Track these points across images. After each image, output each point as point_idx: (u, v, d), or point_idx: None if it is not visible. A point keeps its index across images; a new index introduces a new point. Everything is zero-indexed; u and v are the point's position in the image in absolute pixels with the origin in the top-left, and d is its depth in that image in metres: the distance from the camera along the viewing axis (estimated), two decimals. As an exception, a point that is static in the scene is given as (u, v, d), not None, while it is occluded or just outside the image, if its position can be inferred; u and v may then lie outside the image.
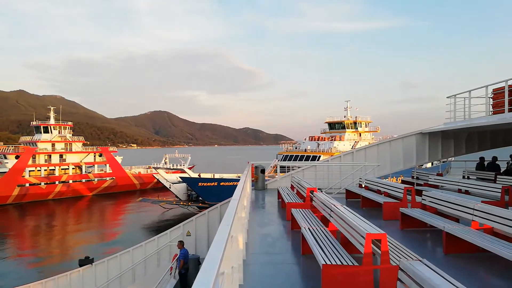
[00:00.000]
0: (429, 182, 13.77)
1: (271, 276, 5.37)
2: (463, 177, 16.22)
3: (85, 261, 16.87)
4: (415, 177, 16.10)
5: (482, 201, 8.09)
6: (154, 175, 53.04)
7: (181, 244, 11.96)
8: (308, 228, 6.36)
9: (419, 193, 10.09)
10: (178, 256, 11.83)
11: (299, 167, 16.71)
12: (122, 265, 16.39)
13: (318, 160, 47.72)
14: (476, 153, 17.59)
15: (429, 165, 45.65)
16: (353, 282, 4.38)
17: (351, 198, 12.78)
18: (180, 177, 47.99)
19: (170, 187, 48.53)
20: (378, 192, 11.27)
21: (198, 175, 49.72)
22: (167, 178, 49.22)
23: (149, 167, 72.19)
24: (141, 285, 15.15)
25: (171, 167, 60.41)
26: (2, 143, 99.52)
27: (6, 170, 56.66)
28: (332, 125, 63.29)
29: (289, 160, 51.35)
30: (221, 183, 45.76)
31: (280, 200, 12.00)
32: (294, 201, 9.64)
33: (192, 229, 16.01)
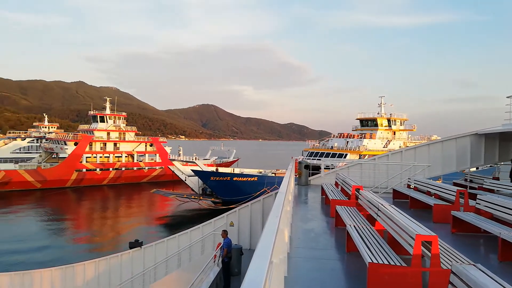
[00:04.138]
0: (484, 186, 13.00)
1: (315, 271, 5.41)
2: None
3: (135, 244, 17.79)
4: (468, 180, 15.25)
5: None
6: (169, 167, 51.75)
7: (225, 233, 12.27)
8: (354, 226, 6.30)
9: (472, 196, 9.58)
10: (222, 244, 12.15)
11: (330, 167, 16.49)
12: (169, 250, 17.11)
13: (344, 158, 45.84)
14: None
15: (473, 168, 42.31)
16: (401, 282, 4.30)
17: (399, 199, 12.39)
18: (192, 170, 46.39)
19: (185, 180, 47.61)
20: (428, 193, 10.84)
21: (216, 169, 48.10)
22: (183, 170, 48.01)
23: (196, 159, 74.30)
24: (186, 270, 15.73)
25: (185, 159, 58.90)
26: (63, 131, 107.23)
27: (66, 155, 60.99)
28: (363, 122, 59.99)
29: (315, 157, 49.58)
30: (234, 178, 43.87)
31: (324, 196, 11.91)
32: (339, 198, 9.54)
33: (235, 220, 16.34)
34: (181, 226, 34.76)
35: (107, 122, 68.04)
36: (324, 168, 16.58)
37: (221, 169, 48.29)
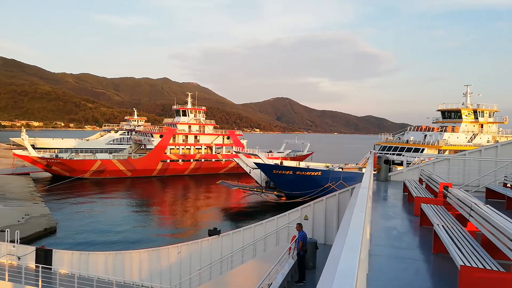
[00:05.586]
0: None
1: (398, 270, 5.15)
2: None
3: (214, 232, 18.63)
4: None
5: None
6: (234, 159, 52.00)
7: (300, 226, 12.22)
8: (442, 226, 5.85)
9: None
10: (297, 237, 12.16)
11: (408, 164, 15.30)
12: (245, 239, 17.60)
13: (421, 153, 42.05)
14: None
15: None
16: (498, 289, 3.89)
17: (493, 198, 11.22)
18: (254, 163, 46.00)
19: (250, 172, 47.54)
20: (531, 194, 9.63)
21: (280, 162, 47.17)
22: (248, 163, 47.80)
23: (270, 152, 75.32)
24: (261, 260, 16.06)
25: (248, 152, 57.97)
26: (150, 124, 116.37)
27: (152, 147, 66.09)
28: (445, 114, 54.09)
29: (387, 151, 46.04)
30: (297, 172, 42.47)
31: (407, 193, 11.26)
32: (424, 196, 8.93)
33: (310, 213, 16.22)
34: (252, 217, 35.71)
35: (188, 116, 72.03)
36: (398, 164, 15.66)
37: (286, 163, 47.69)
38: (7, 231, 20.69)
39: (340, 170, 42.86)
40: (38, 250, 19.93)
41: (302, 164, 47.50)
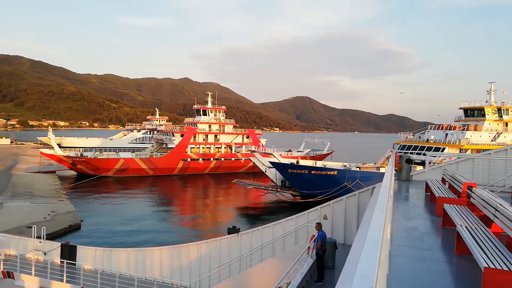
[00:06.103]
0: None
1: (420, 272, 5.04)
2: None
3: (233, 230, 18.74)
4: None
5: None
6: (250, 158, 51.29)
7: (319, 226, 12.13)
8: (466, 227, 5.69)
9: None
10: (316, 237, 12.07)
11: (428, 163, 14.91)
12: (264, 238, 17.62)
13: (441, 152, 40.88)
14: None
15: None
16: (524, 293, 3.75)
17: None
18: (269, 162, 45.80)
19: (265, 171, 47.18)
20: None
21: (297, 161, 46.64)
22: (264, 162, 47.35)
23: (290, 151, 75.03)
24: (280, 259, 16.04)
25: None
26: (171, 123, 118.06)
27: (174, 146, 66.94)
28: (468, 112, 52.52)
29: (407, 150, 44.84)
30: (312, 171, 41.85)
31: (429, 193, 11.02)
32: (447, 196, 8.72)
33: (329, 213, 16.07)
34: (270, 216, 35.65)
35: (209, 115, 72.56)
36: (417, 163, 15.31)
37: (302, 162, 47.12)
38: (34, 227, 21.39)
39: (357, 169, 42.23)
40: (63, 246, 20.53)
41: (319, 164, 46.84)
